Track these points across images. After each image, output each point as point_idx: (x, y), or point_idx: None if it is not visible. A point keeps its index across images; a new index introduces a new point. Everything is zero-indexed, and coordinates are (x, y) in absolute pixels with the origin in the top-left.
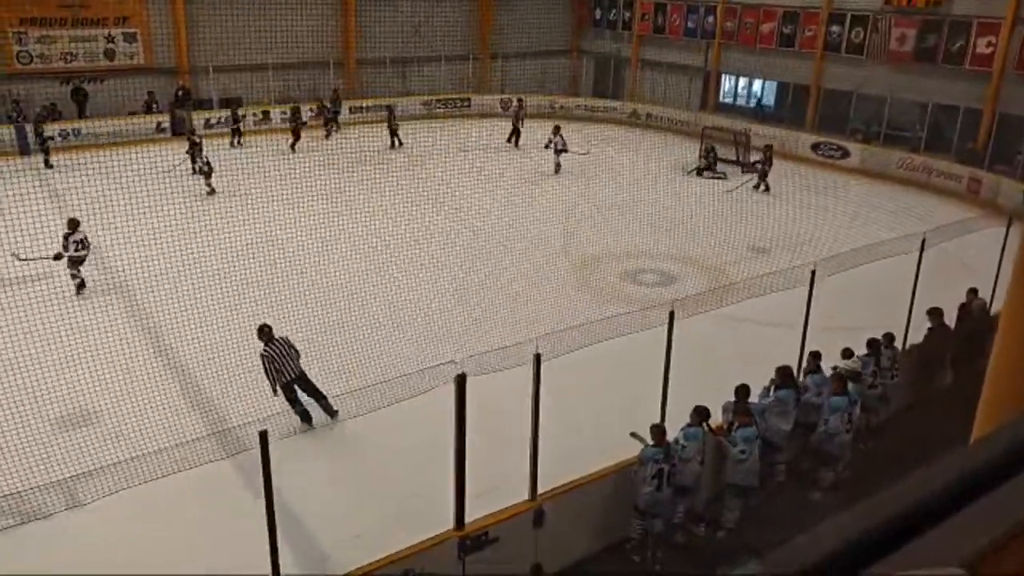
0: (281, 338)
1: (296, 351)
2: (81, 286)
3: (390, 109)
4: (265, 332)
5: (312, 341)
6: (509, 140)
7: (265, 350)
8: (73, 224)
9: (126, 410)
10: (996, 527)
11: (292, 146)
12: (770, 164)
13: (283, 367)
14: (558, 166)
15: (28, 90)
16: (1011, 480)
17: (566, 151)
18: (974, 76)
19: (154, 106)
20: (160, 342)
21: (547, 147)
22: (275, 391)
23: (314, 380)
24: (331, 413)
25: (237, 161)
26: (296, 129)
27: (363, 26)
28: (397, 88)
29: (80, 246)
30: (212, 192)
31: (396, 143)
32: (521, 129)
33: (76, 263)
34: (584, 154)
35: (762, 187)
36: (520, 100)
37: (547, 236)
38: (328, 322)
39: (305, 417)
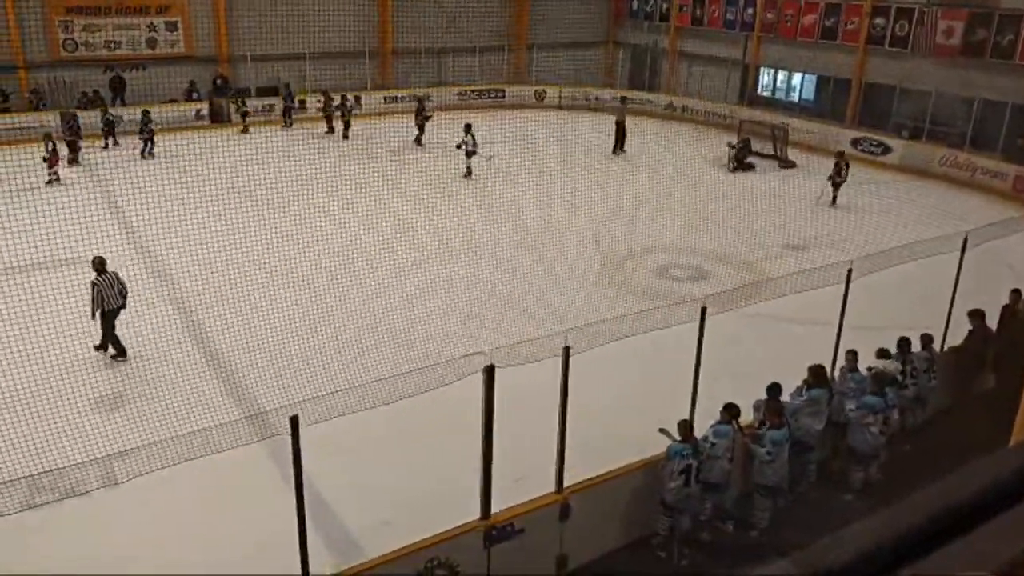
0: (113, 272)
1: (124, 287)
2: (121, 353)
3: (420, 100)
4: (97, 263)
5: (343, 329)
6: (418, 141)
7: (96, 279)
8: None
9: (159, 392)
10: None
11: (344, 134)
12: (845, 174)
13: (108, 297)
14: (469, 169)
15: (73, 77)
16: None
17: (476, 153)
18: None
19: (194, 94)
20: (196, 327)
21: (458, 147)
22: (93, 316)
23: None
24: (118, 352)
25: (281, 147)
26: (347, 119)
27: (399, 17)
28: (432, 78)
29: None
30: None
31: (420, 139)
32: (424, 127)
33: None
34: (491, 157)
35: (834, 199)
36: (420, 99)
37: (578, 229)
38: (359, 310)
39: (120, 351)
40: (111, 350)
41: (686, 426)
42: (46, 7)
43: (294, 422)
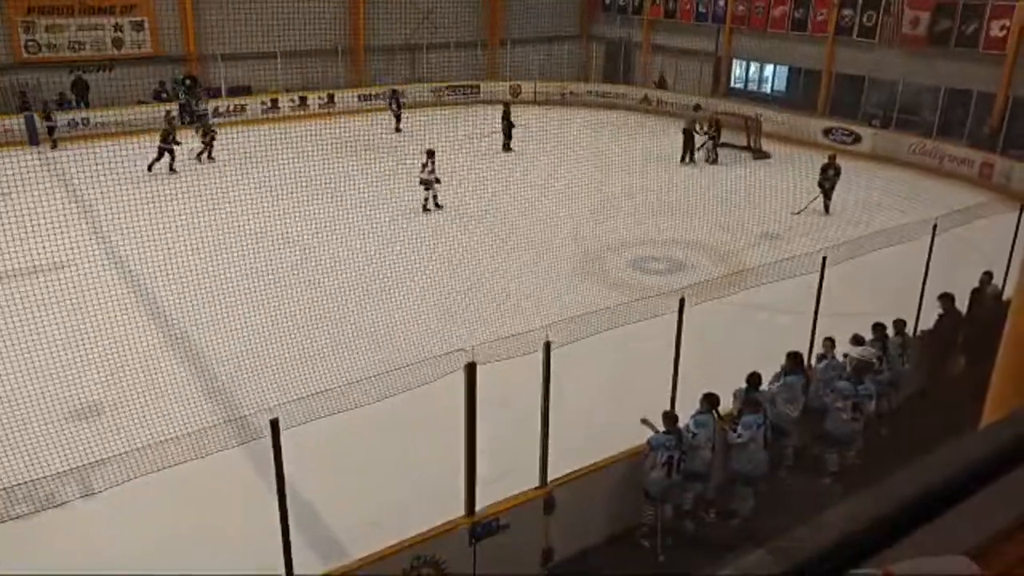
0: None
1: None
2: None
3: (395, 93)
4: None
5: (322, 329)
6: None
7: None
8: None
9: (139, 399)
10: (1003, 516)
11: (396, 128)
12: (835, 178)
13: None
14: (427, 202)
15: (37, 79)
16: (1018, 469)
17: (438, 182)
18: (988, 59)
19: (164, 95)
20: (173, 331)
21: (422, 183)
22: None
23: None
24: None
25: (244, 146)
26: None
27: (372, 13)
28: (406, 75)
29: None
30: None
31: (398, 128)
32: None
33: None
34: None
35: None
36: (395, 91)
37: (555, 223)
38: (338, 311)
39: None
40: None
41: (670, 417)
42: (6, 7)
43: (274, 425)
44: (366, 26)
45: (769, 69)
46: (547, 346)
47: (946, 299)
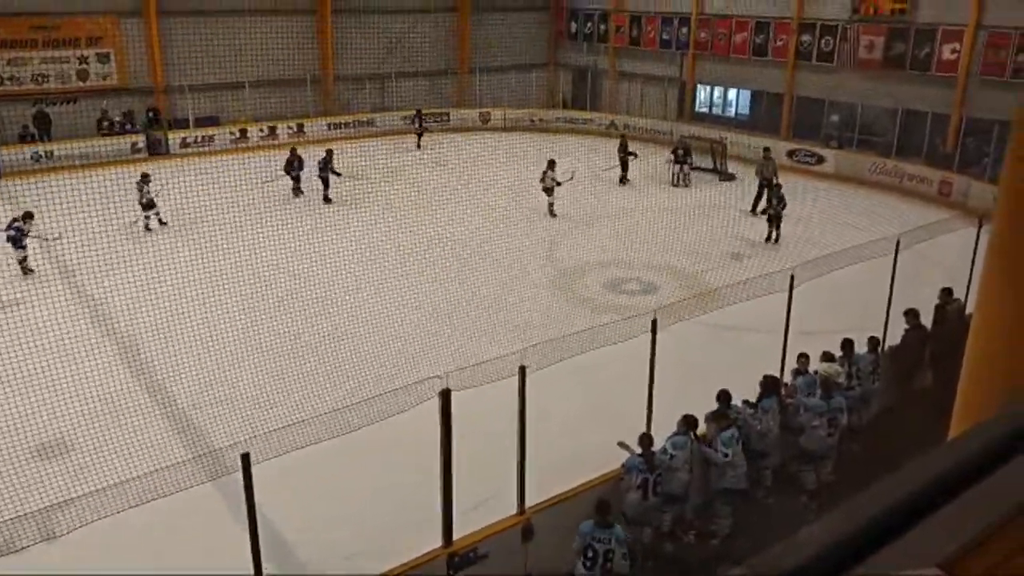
0: None
1: None
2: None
3: (419, 113)
4: None
5: (292, 360)
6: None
7: None
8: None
9: (104, 436)
10: (972, 527)
11: (418, 145)
12: (781, 205)
13: None
14: (551, 207)
15: None
16: (983, 481)
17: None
18: (941, 81)
19: (106, 124)
20: (138, 365)
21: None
22: None
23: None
24: None
25: (222, 176)
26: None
27: (341, 43)
28: (376, 104)
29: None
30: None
31: (419, 145)
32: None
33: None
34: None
35: (776, 237)
36: (419, 111)
37: (528, 248)
38: (308, 341)
39: None
40: None
41: (646, 439)
42: None
43: (245, 459)
44: (335, 55)
45: (733, 93)
46: (522, 370)
47: (911, 315)
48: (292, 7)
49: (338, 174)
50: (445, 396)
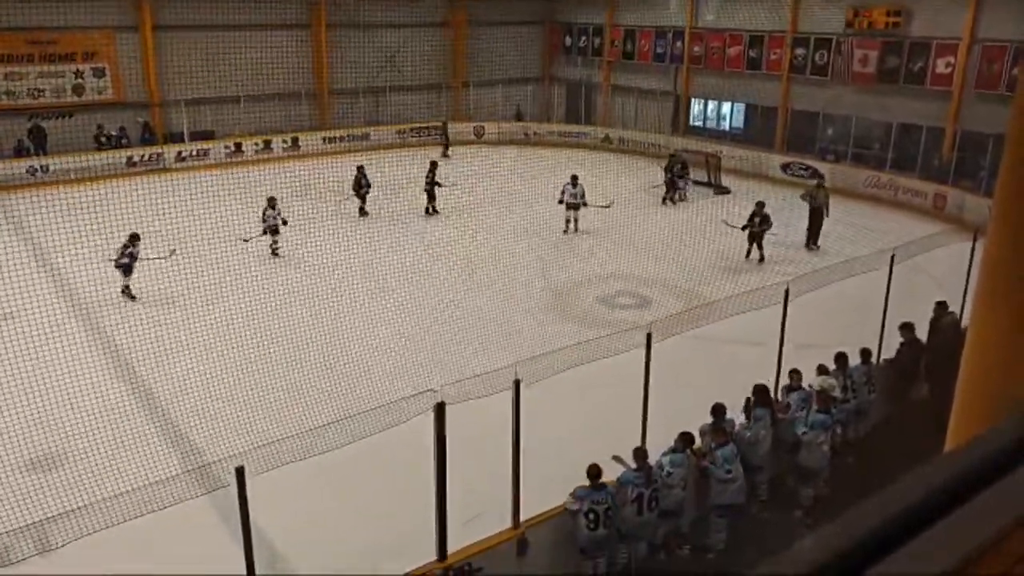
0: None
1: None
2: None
3: (445, 125)
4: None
5: (287, 373)
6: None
7: None
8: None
9: (98, 449)
10: (970, 540)
11: (444, 154)
12: (764, 225)
13: None
14: (567, 224)
15: None
16: (985, 491)
17: (585, 205)
18: (935, 95)
19: (104, 138)
20: (134, 379)
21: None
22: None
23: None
24: None
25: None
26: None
27: (335, 57)
28: (370, 117)
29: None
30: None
31: (445, 154)
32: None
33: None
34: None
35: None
36: (445, 123)
37: (522, 262)
38: (304, 355)
39: None
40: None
41: (641, 453)
42: None
43: (240, 473)
44: (330, 70)
45: (727, 107)
46: (517, 384)
47: (907, 328)
48: (287, 21)
49: (440, 185)
50: (440, 409)
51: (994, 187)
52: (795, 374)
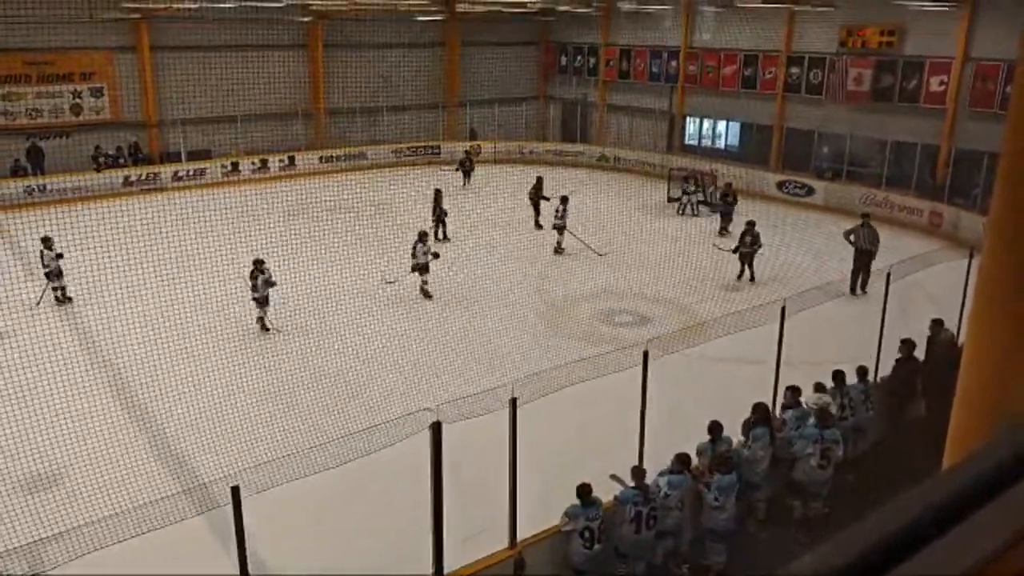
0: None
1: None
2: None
3: (468, 153)
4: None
5: (283, 393)
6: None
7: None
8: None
9: (93, 469)
10: (965, 559)
11: (467, 173)
12: (755, 244)
13: None
14: (558, 245)
15: None
16: (978, 511)
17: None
18: (930, 113)
19: (101, 159)
20: (129, 398)
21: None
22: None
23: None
24: None
25: (211, 208)
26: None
27: (332, 77)
28: (367, 137)
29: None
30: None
31: (466, 182)
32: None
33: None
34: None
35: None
36: (467, 150)
37: (521, 279)
38: (300, 374)
39: None
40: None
41: (639, 472)
42: None
43: (235, 492)
44: (326, 89)
45: (722, 125)
46: (513, 402)
47: (905, 345)
48: (284, 42)
49: (546, 199)
50: (436, 429)
51: (988, 205)
52: (792, 392)
